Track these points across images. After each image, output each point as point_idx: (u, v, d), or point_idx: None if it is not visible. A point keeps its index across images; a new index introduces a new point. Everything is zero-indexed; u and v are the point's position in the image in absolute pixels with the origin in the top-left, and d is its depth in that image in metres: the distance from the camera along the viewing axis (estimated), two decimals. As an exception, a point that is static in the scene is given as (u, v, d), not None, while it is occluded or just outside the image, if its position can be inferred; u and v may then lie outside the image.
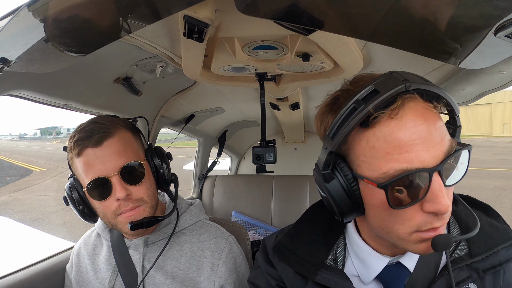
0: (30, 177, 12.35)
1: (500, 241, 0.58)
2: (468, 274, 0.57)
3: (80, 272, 0.94)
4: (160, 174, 0.86)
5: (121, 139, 0.80)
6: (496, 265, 0.57)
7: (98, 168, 0.76)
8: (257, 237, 2.06)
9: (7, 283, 0.92)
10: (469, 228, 0.60)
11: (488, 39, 0.54)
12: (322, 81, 1.20)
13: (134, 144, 0.84)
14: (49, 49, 0.63)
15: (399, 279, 0.60)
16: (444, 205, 0.47)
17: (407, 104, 0.48)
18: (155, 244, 0.89)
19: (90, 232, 1.01)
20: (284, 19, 0.59)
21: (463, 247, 0.60)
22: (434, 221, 0.49)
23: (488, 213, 0.65)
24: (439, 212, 0.47)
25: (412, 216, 0.50)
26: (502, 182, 8.75)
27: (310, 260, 0.63)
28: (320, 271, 0.61)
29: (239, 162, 3.04)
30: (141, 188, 0.80)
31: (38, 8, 0.53)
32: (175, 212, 0.93)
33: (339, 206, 0.55)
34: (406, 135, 0.47)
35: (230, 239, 0.93)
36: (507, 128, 31.72)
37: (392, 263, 0.61)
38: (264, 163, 1.29)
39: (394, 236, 0.53)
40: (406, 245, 0.52)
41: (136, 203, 0.79)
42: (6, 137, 57.76)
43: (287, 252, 0.66)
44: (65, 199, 0.84)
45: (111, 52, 0.95)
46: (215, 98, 1.64)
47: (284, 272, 0.66)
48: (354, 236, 0.64)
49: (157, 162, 0.86)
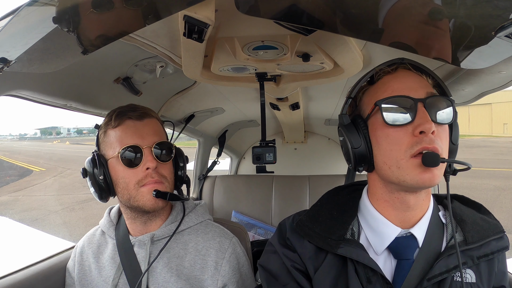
0: (30, 177, 12.35)
1: (491, 233, 0.67)
2: (464, 260, 0.64)
3: (84, 271, 0.95)
4: (178, 172, 0.92)
5: (158, 123, 0.90)
6: (488, 254, 0.65)
7: (134, 138, 0.83)
8: (257, 237, 2.07)
9: (7, 283, 0.92)
10: (463, 220, 0.69)
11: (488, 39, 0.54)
12: (322, 81, 1.20)
13: (164, 133, 0.90)
14: (49, 49, 0.63)
15: (409, 250, 0.66)
16: (429, 125, 0.59)
17: (401, 69, 0.67)
18: (160, 241, 0.90)
19: (94, 231, 1.02)
20: (284, 19, 0.60)
21: (458, 236, 0.67)
22: (423, 141, 0.59)
23: (480, 210, 0.74)
24: (425, 130, 0.58)
25: (406, 140, 0.60)
26: (502, 182, 8.76)
27: (330, 236, 0.69)
28: (341, 244, 0.67)
29: (239, 162, 3.04)
30: (167, 167, 0.87)
31: (38, 8, 0.53)
32: (181, 210, 0.95)
33: (354, 149, 0.66)
34: (396, 82, 0.65)
35: (234, 240, 0.94)
36: (507, 128, 31.73)
37: (403, 235, 0.67)
38: (264, 163, 1.29)
39: (395, 167, 0.61)
40: (404, 175, 0.61)
41: (161, 178, 0.85)
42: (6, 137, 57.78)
43: (308, 229, 0.72)
44: (84, 171, 0.87)
45: (111, 52, 0.95)
46: (215, 98, 1.64)
47: (305, 250, 0.71)
48: (369, 206, 0.71)
49: (179, 160, 0.93)
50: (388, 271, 0.66)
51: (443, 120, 0.62)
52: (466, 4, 0.50)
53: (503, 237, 0.68)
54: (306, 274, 0.71)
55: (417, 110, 0.60)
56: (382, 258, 0.68)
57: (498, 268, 0.68)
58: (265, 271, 0.75)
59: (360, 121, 0.67)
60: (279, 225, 0.80)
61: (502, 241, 0.68)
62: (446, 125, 0.63)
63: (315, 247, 0.70)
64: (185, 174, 0.95)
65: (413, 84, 0.64)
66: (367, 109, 0.67)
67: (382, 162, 0.64)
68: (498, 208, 6.43)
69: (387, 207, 0.68)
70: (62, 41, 0.63)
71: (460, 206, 0.73)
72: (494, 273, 0.67)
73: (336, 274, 0.67)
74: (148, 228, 0.91)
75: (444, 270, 0.62)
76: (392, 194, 0.67)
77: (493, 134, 30.99)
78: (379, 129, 0.64)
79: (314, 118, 2.26)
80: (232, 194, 2.25)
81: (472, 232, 0.66)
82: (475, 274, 0.65)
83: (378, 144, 0.64)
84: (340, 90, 1.47)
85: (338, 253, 0.66)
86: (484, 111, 32.74)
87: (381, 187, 0.68)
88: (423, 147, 0.59)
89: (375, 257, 0.67)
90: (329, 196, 0.80)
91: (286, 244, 0.74)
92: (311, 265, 0.70)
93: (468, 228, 0.67)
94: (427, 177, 0.59)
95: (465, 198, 0.77)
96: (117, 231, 0.94)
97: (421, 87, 0.63)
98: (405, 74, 0.66)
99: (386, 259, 0.68)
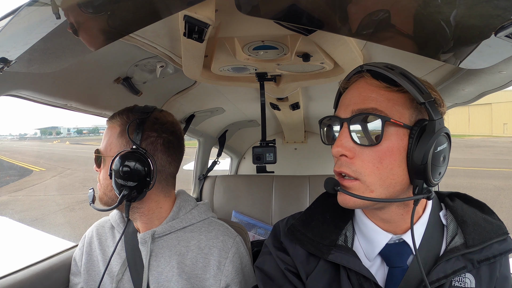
0: (30, 177, 12.35)
1: (494, 235, 0.63)
2: (464, 264, 0.60)
3: (91, 261, 0.96)
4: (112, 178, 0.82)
5: (107, 129, 0.92)
6: (490, 257, 0.61)
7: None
8: (257, 237, 2.06)
9: (6, 283, 0.92)
10: (464, 221, 0.65)
11: (488, 39, 0.54)
12: (322, 81, 1.20)
13: (111, 138, 0.89)
14: (49, 49, 0.63)
15: (401, 257, 0.64)
16: (336, 149, 0.59)
17: (358, 79, 0.64)
18: (162, 238, 0.90)
19: (104, 222, 1.01)
20: (284, 19, 0.60)
21: (459, 238, 0.64)
22: (337, 163, 0.61)
23: (483, 210, 0.70)
24: (334, 154, 0.60)
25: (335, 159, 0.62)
26: (502, 182, 8.74)
27: (322, 242, 0.67)
28: (332, 250, 0.65)
29: (239, 162, 3.03)
30: (100, 173, 0.90)
31: (38, 8, 0.53)
32: (183, 209, 0.95)
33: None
34: (345, 98, 0.64)
35: (237, 239, 0.93)
36: (507, 128, 31.72)
37: (395, 241, 0.65)
38: (264, 163, 1.29)
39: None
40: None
41: (98, 181, 0.91)
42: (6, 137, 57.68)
43: (300, 234, 0.70)
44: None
45: (111, 52, 0.95)
46: (215, 98, 1.64)
47: (297, 254, 0.70)
48: (360, 214, 0.69)
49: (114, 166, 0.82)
50: (380, 278, 0.65)
51: (364, 141, 0.59)
52: (466, 3, 0.50)
53: (507, 240, 0.64)
54: (300, 277, 0.70)
55: (340, 131, 0.61)
56: (375, 264, 0.66)
57: (500, 272, 0.64)
58: (261, 272, 0.74)
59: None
60: (273, 227, 0.79)
61: (505, 243, 0.63)
62: (375, 146, 0.58)
63: (306, 252, 0.69)
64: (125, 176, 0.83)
65: (351, 99, 0.62)
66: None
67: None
68: (499, 208, 6.45)
69: (375, 216, 0.67)
70: (62, 41, 0.63)
71: (462, 206, 0.69)
72: (495, 277, 0.63)
73: (329, 281, 0.66)
74: (150, 225, 0.92)
75: (441, 276, 0.60)
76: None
77: (493, 134, 30.99)
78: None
79: (314, 118, 2.26)
80: (232, 194, 2.25)
81: (473, 234, 0.63)
82: (475, 278, 0.61)
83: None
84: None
85: (329, 259, 0.65)
86: (484, 111, 32.73)
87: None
88: (334, 170, 0.62)
89: (368, 263, 0.66)
90: (323, 198, 0.78)
91: (280, 247, 0.74)
92: (303, 269, 0.69)
93: (469, 230, 0.64)
94: (341, 199, 0.62)
95: (468, 196, 0.73)
96: (128, 228, 0.94)
97: (356, 103, 0.60)
98: (359, 85, 0.63)
99: (379, 266, 0.66)
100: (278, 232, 0.76)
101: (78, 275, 0.98)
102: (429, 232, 0.65)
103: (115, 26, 0.60)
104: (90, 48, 0.64)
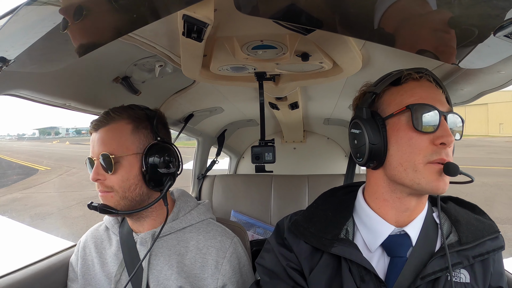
0: (36, 175, 12.48)
1: (486, 233, 0.68)
2: (459, 260, 0.65)
3: (87, 265, 0.96)
4: (150, 171, 0.84)
5: (112, 129, 0.86)
6: (483, 253, 0.66)
7: (91, 150, 0.87)
8: (256, 237, 2.06)
9: (6, 283, 0.91)
10: (457, 220, 0.70)
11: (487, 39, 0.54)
12: (321, 81, 1.20)
13: (125, 136, 0.85)
14: (48, 49, 0.63)
15: (402, 248, 0.67)
16: (451, 138, 0.62)
17: (424, 77, 0.68)
18: (161, 239, 0.91)
19: (98, 226, 1.02)
20: (283, 18, 0.59)
21: (453, 236, 0.68)
22: (442, 152, 0.62)
23: (475, 210, 0.76)
24: (447, 142, 0.62)
25: (426, 146, 0.63)
26: (495, 179, 9.08)
27: (324, 236, 0.70)
28: (335, 243, 0.68)
29: (238, 162, 3.03)
30: (113, 177, 0.83)
31: (37, 7, 0.53)
32: (182, 210, 0.95)
33: (372, 145, 0.67)
34: (423, 91, 0.66)
35: (235, 240, 0.94)
36: (503, 128, 31.85)
37: (397, 233, 0.68)
38: (263, 163, 1.29)
39: (411, 170, 0.63)
40: (420, 178, 0.63)
41: (106, 189, 0.84)
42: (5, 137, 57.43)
43: (303, 229, 0.73)
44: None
45: (110, 51, 0.94)
46: (214, 97, 1.64)
47: (301, 250, 0.72)
48: (364, 206, 0.73)
49: (150, 159, 0.84)
50: (381, 269, 0.68)
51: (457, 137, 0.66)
52: (464, 3, 0.50)
53: (498, 237, 0.69)
54: (302, 273, 0.72)
55: (440, 122, 0.63)
56: (376, 255, 0.69)
57: (494, 268, 0.68)
58: (263, 268, 0.76)
59: (378, 118, 0.68)
60: (277, 224, 0.81)
61: (497, 240, 0.69)
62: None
63: (311, 247, 0.72)
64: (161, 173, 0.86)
65: (436, 96, 0.66)
66: (389, 108, 0.68)
67: (398, 163, 0.65)
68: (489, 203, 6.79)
69: (385, 206, 0.70)
70: (61, 40, 0.63)
71: (455, 207, 0.75)
72: (489, 273, 0.67)
73: (332, 274, 0.69)
74: (149, 226, 0.92)
75: (437, 269, 0.64)
76: (394, 194, 0.68)
77: (489, 133, 31.11)
78: (402, 131, 0.65)
79: (313, 117, 2.26)
80: (231, 194, 2.25)
81: (466, 232, 0.68)
82: (469, 274, 0.66)
83: (398, 145, 0.65)
84: (339, 90, 1.47)
85: (332, 252, 0.68)
86: (480, 111, 32.86)
87: (384, 186, 0.69)
88: (441, 158, 0.62)
89: (369, 255, 0.69)
90: (324, 197, 0.81)
91: (284, 244, 0.75)
92: (307, 265, 0.71)
93: (462, 228, 0.68)
94: (442, 184, 0.63)
95: (459, 199, 0.79)
96: (122, 228, 0.95)
97: (442, 101, 0.67)
98: (429, 85, 0.68)
99: (379, 256, 0.69)
100: (282, 228, 0.78)
101: (76, 281, 0.98)
102: (425, 229, 0.69)
103: (114, 25, 0.60)
104: (89, 47, 0.63)
